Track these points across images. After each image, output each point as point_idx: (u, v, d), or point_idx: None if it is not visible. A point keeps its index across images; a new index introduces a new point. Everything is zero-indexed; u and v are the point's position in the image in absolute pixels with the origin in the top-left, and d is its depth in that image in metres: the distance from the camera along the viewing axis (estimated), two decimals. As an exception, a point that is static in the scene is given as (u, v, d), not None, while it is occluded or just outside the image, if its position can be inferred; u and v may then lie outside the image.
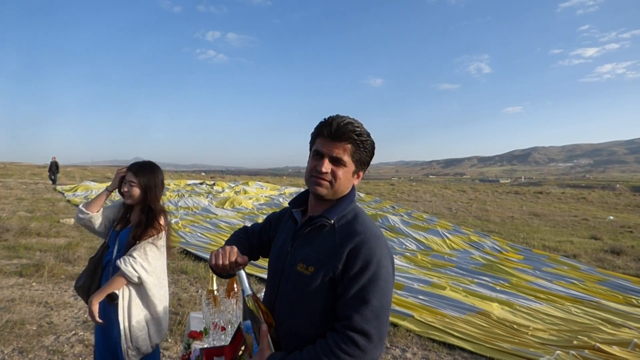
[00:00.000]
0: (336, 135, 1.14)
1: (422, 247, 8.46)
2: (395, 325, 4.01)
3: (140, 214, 2.09)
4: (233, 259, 1.17)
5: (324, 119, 1.18)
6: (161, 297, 2.07)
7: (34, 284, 4.84)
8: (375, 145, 1.22)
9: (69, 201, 14.14)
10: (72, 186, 19.09)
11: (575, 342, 3.62)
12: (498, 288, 5.40)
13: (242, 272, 1.17)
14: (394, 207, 16.28)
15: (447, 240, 8.92)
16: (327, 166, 1.15)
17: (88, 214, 2.12)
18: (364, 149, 1.17)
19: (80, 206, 2.15)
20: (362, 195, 20.78)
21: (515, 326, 4.02)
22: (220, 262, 1.16)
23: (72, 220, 9.59)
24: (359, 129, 1.15)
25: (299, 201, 1.29)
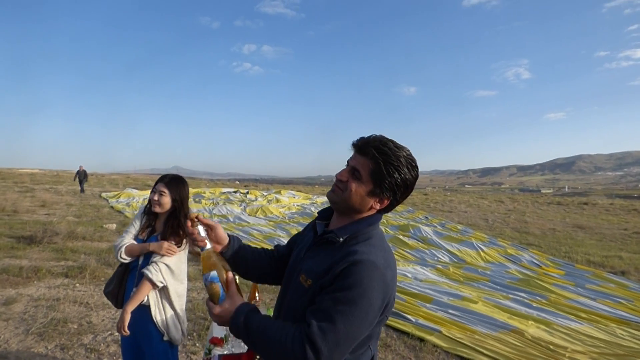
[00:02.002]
0: (359, 148, 1.16)
1: (455, 260, 8.22)
2: (421, 339, 3.92)
3: (166, 222, 2.23)
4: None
5: None
6: (183, 296, 2.26)
7: (78, 285, 5.14)
8: (411, 183, 1.16)
9: (112, 207, 14.91)
10: (116, 193, 20.12)
11: (618, 366, 3.38)
12: (535, 305, 5.14)
13: (201, 228, 1.23)
14: (427, 217, 15.94)
15: (482, 253, 8.62)
16: (343, 174, 1.16)
17: (127, 259, 2.20)
18: (386, 172, 1.11)
19: (123, 253, 2.17)
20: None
21: (551, 347, 3.81)
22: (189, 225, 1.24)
23: (114, 225, 10.12)
24: (385, 149, 1.12)
25: (326, 214, 1.30)
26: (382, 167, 1.11)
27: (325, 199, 21.72)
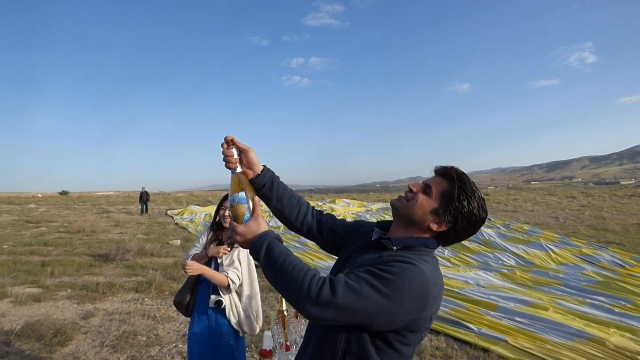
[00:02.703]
0: (438, 171, 1.20)
1: (522, 263, 7.68)
2: (485, 350, 3.67)
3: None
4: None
5: None
6: (254, 297, 2.56)
7: (146, 299, 5.49)
8: (476, 220, 1.13)
9: (177, 224, 15.85)
10: (180, 210, 21.40)
11: None
12: (617, 310, 4.62)
13: (235, 151, 1.24)
14: (489, 218, 15.11)
15: (553, 254, 7.97)
16: (416, 185, 1.20)
17: None
18: (457, 195, 1.12)
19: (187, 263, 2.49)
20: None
21: (639, 357, 3.39)
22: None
23: (179, 241, 10.73)
24: (465, 178, 1.14)
25: (384, 225, 1.31)
26: (455, 190, 1.13)
27: (379, 205, 21.42)
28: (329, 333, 1.10)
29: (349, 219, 1.54)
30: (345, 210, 20.19)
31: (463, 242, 8.91)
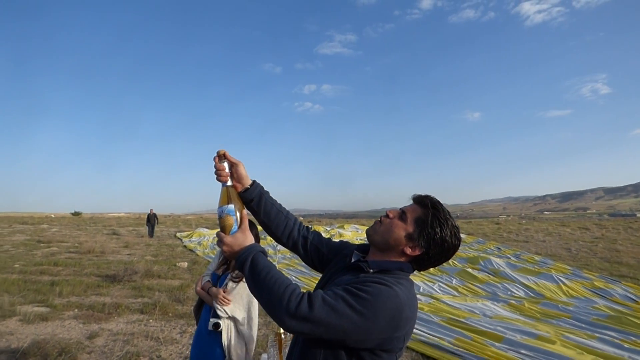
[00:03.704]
0: (415, 199, 1.27)
1: (532, 294, 7.52)
2: (489, 382, 3.61)
3: None
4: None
5: None
6: (249, 326, 2.52)
7: (151, 320, 5.52)
8: (448, 246, 1.19)
9: (185, 246, 15.92)
10: (188, 233, 21.50)
11: None
12: (627, 346, 4.49)
13: (226, 164, 1.29)
14: (499, 248, 14.91)
15: (563, 287, 7.80)
16: (393, 211, 1.26)
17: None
18: (430, 222, 1.18)
19: (197, 290, 2.61)
20: (463, 236, 19.46)
21: (648, 394, 3.30)
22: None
23: (186, 264, 10.78)
24: (439, 207, 1.20)
25: (364, 248, 1.36)
26: (429, 217, 1.19)
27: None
28: (308, 350, 1.15)
29: (357, 244, 1.59)
30: (354, 235, 20.09)
31: (471, 271, 8.74)
